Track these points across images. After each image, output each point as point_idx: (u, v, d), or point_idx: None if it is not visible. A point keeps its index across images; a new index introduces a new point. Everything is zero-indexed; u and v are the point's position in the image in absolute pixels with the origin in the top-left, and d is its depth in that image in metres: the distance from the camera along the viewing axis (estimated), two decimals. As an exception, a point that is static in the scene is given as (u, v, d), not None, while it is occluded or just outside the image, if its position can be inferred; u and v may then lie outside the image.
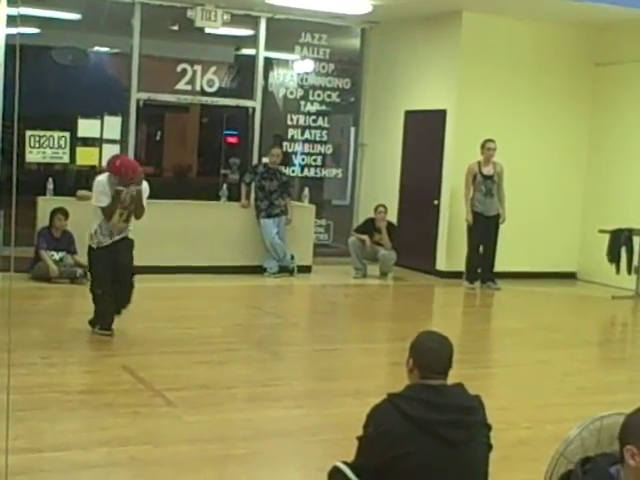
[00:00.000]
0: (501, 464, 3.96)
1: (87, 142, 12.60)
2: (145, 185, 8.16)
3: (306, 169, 13.96)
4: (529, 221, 12.78)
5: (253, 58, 13.47)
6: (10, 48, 11.83)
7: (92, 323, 8.23)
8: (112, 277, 8.19)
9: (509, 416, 5.97)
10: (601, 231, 12.07)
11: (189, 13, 12.66)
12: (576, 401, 6.72)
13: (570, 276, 13.28)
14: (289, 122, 13.76)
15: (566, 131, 13.12)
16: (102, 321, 8.16)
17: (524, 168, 12.70)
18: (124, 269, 8.20)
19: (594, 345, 9.59)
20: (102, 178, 8.07)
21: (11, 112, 11.75)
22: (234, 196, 12.44)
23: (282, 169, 12.66)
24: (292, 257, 12.16)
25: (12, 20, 11.77)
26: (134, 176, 8.03)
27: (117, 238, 8.19)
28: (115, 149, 12.55)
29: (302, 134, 13.85)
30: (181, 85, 13.04)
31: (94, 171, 12.42)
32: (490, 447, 3.46)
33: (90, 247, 8.17)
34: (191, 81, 13.06)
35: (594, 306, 11.76)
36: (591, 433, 3.21)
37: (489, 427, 3.46)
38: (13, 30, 11.63)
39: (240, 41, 14.03)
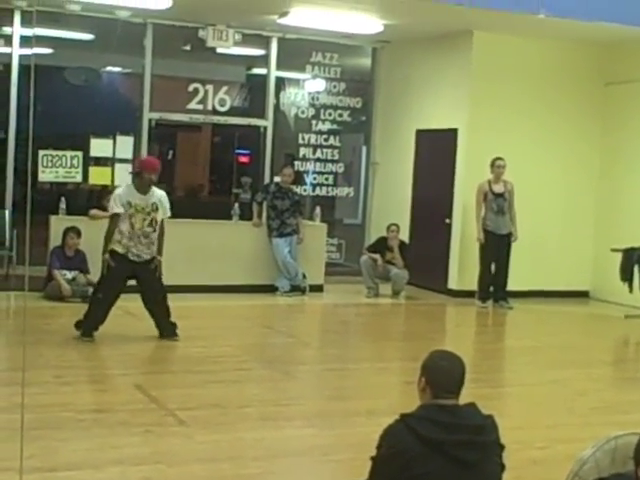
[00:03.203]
0: (515, 484, 3.94)
1: (100, 162, 12.66)
2: (161, 193, 8.61)
3: (318, 188, 13.99)
4: (541, 240, 12.76)
5: (264, 77, 13.53)
6: (23, 68, 11.92)
7: (78, 326, 8.46)
8: (145, 301, 8.60)
9: (522, 436, 5.93)
10: (613, 250, 12.04)
11: (201, 33, 12.73)
12: (590, 421, 6.69)
13: (583, 295, 13.24)
14: (300, 141, 13.81)
15: (577, 150, 13.11)
16: (87, 326, 8.44)
17: (536, 187, 12.70)
18: (155, 292, 8.56)
19: (607, 364, 9.54)
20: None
21: (25, 132, 11.84)
22: (246, 215, 12.46)
23: (294, 188, 12.67)
24: (304, 276, 12.15)
25: (26, 40, 11.88)
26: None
27: (145, 258, 8.39)
28: (127, 168, 12.62)
29: (314, 153, 13.88)
30: (193, 104, 13.12)
31: (106, 190, 12.48)
32: (503, 467, 3.44)
33: (113, 250, 8.40)
34: (203, 100, 13.14)
35: (607, 325, 11.71)
36: (605, 453, 3.20)
37: (502, 447, 3.44)
38: (27, 51, 11.73)
39: (251, 61, 14.09)
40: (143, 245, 8.43)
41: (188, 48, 13.46)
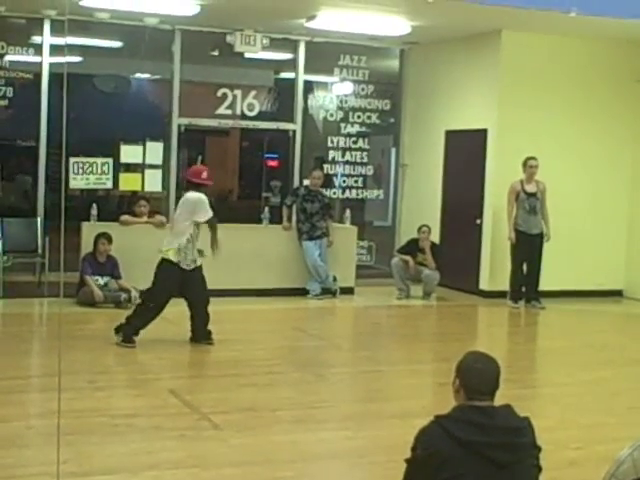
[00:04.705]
0: (551, 485, 3.90)
1: (130, 168, 12.73)
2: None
3: (347, 191, 13.98)
4: (573, 239, 12.66)
5: (293, 81, 13.55)
6: (53, 77, 12.01)
7: (118, 330, 8.50)
8: (189, 307, 8.70)
9: (558, 437, 5.89)
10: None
11: (228, 38, 12.77)
12: (626, 421, 6.63)
13: (616, 294, 13.13)
14: (329, 144, 13.81)
15: (608, 148, 13.00)
16: (131, 332, 8.46)
17: (567, 186, 12.60)
18: (200, 298, 8.71)
19: (642, 364, 9.45)
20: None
21: (55, 140, 11.93)
22: (276, 219, 12.48)
23: (323, 191, 12.67)
24: (334, 279, 12.14)
25: (55, 49, 11.97)
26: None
27: (197, 264, 8.69)
28: (157, 174, 12.70)
29: (343, 156, 13.88)
30: (222, 110, 13.16)
31: (135, 196, 12.55)
32: (540, 469, 3.42)
33: (169, 260, 8.50)
34: (231, 105, 13.18)
35: (641, 324, 11.62)
36: (643, 453, 3.17)
37: (539, 449, 3.42)
38: (57, 59, 11.83)
39: (279, 65, 14.12)
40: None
41: (216, 53, 13.51)
